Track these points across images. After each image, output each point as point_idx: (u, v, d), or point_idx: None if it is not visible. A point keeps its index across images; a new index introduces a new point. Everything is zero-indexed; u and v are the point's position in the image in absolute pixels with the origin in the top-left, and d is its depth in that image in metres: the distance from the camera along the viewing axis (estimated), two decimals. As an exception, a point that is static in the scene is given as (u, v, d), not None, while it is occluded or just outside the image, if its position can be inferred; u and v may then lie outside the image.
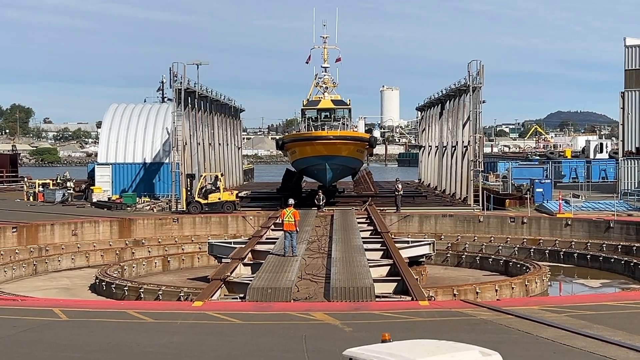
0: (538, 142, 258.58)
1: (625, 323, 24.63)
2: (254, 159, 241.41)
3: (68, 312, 27.20)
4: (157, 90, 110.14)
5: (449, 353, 14.37)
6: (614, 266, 47.08)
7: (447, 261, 50.60)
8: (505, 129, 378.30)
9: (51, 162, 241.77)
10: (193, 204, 61.20)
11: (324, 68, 70.37)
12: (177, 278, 44.82)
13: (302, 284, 32.50)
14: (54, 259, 49.78)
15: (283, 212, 39.44)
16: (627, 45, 71.52)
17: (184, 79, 66.95)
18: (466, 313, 26.78)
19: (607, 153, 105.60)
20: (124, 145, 77.40)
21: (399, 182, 65.51)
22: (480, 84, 64.66)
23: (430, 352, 14.12)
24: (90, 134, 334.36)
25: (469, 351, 14.36)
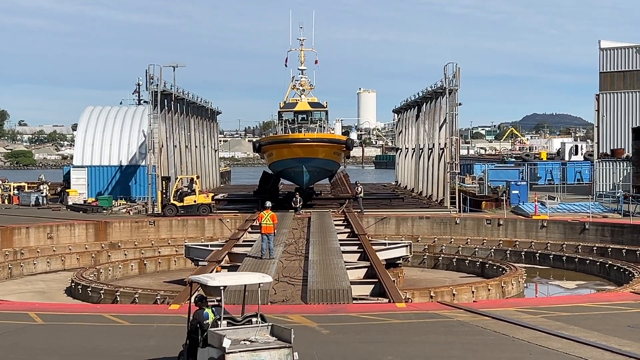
0: (514, 144, 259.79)
1: (600, 324, 24.81)
2: (231, 161, 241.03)
3: (44, 316, 27.04)
4: (133, 92, 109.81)
5: (238, 275, 21.89)
6: (590, 268, 47.36)
7: (424, 263, 50.72)
8: (481, 131, 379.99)
9: (26, 164, 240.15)
10: (169, 206, 60.98)
11: (301, 70, 70.43)
12: (154, 281, 44.63)
13: (279, 287, 32.48)
14: (29, 263, 49.42)
15: (260, 215, 39.41)
16: (602, 48, 71.99)
17: (160, 82, 66.72)
18: (443, 315, 26.88)
19: (582, 155, 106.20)
20: (100, 147, 77.00)
21: (359, 185, 66.13)
22: (456, 87, 64.91)
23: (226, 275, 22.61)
24: (66, 136, 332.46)
25: (253, 274, 20.87)
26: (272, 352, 16.88)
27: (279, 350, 16.96)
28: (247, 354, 16.84)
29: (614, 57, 71.83)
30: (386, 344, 22.66)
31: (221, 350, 16.83)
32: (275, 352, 16.92)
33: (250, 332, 17.78)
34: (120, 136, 77.59)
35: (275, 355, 16.89)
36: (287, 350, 16.99)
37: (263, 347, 16.94)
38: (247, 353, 16.85)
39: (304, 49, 69.98)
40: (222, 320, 17.96)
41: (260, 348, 16.94)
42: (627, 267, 42.95)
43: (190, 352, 18.26)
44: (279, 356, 16.90)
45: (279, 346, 17.05)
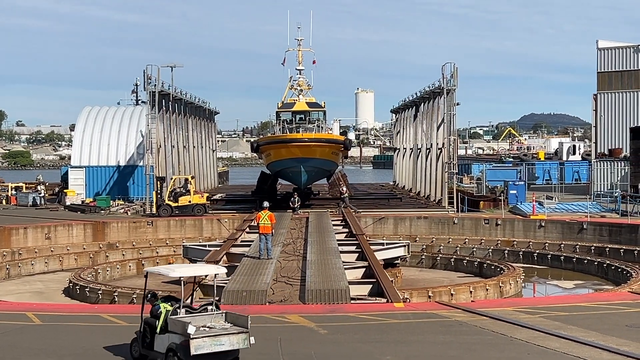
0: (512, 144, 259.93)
1: (598, 324, 24.83)
2: (229, 161, 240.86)
3: (42, 316, 27.02)
4: (131, 92, 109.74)
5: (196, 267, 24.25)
6: (588, 267, 47.38)
7: (422, 263, 50.73)
8: (479, 131, 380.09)
9: (24, 165, 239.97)
10: (163, 207, 60.95)
11: (299, 71, 70.45)
12: (152, 281, 44.28)
13: (278, 287, 32.48)
14: (27, 263, 49.39)
15: (258, 215, 39.43)
16: (599, 48, 72.03)
17: (158, 82, 66.70)
18: (441, 315, 26.88)
19: (580, 155, 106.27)
20: (98, 148, 77.00)
21: (343, 186, 66.16)
22: (454, 87, 64.94)
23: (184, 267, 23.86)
24: (64, 136, 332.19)
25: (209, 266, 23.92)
26: (231, 337, 18.93)
27: (237, 335, 19.01)
28: (209, 339, 18.71)
29: (611, 57, 71.86)
30: (384, 343, 22.66)
31: (185, 336, 18.60)
32: (234, 337, 18.98)
33: (206, 319, 19.51)
34: (118, 136, 77.58)
35: (234, 340, 18.96)
36: (244, 335, 19.06)
37: (223, 333, 18.95)
38: (209, 338, 18.71)
39: (301, 49, 70.04)
40: (181, 309, 19.69)
41: (220, 334, 18.91)
42: (625, 267, 42.97)
43: (145, 339, 20.18)
44: (237, 340, 18.98)
45: (237, 331, 19.08)
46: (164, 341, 19.51)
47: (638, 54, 70.68)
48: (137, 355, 20.61)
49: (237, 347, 19.10)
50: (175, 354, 19.00)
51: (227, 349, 18.98)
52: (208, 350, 18.72)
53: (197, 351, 18.58)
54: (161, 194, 62.00)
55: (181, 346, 18.84)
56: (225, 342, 18.88)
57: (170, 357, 19.19)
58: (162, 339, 19.61)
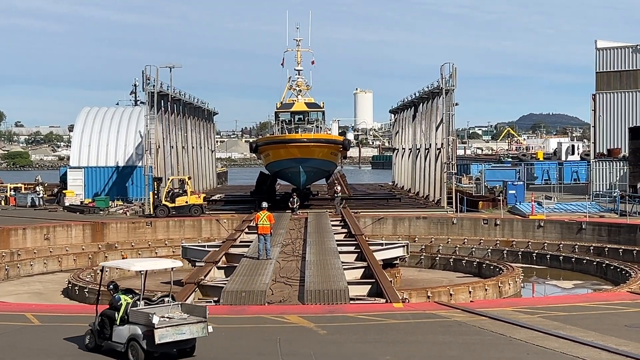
0: (510, 144, 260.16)
1: (597, 324, 24.83)
2: (228, 161, 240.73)
3: (40, 317, 26.99)
4: (129, 93, 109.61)
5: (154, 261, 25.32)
6: (587, 267, 47.42)
7: (421, 263, 50.76)
8: (478, 131, 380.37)
9: (23, 166, 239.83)
10: (160, 207, 60.92)
11: (298, 71, 70.36)
12: (151, 282, 44.32)
13: (277, 287, 32.47)
14: (26, 264, 49.40)
15: (257, 216, 39.42)
16: (598, 48, 72.04)
17: (156, 82, 66.68)
18: (440, 315, 26.89)
19: (579, 155, 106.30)
20: (97, 148, 76.97)
21: (337, 185, 66.04)
22: (453, 87, 64.92)
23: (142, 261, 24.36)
24: (63, 137, 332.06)
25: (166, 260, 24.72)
26: (191, 327, 20.42)
27: (196, 325, 20.49)
28: (172, 328, 20.13)
29: (610, 57, 71.87)
30: (384, 344, 22.66)
31: (148, 326, 19.98)
32: (194, 326, 20.46)
33: (163, 310, 20.80)
34: (117, 137, 77.57)
35: (194, 329, 20.46)
36: (203, 325, 20.54)
37: (184, 322, 20.40)
38: (171, 328, 20.13)
39: (300, 50, 69.94)
40: (141, 301, 21.11)
41: (182, 323, 20.36)
42: (624, 267, 43.00)
43: (103, 331, 21.34)
44: (196, 329, 20.47)
45: (197, 321, 20.55)
46: (124, 332, 20.68)
47: (637, 54, 70.70)
48: (92, 346, 21.70)
49: (197, 335, 20.56)
50: (138, 343, 20.22)
51: (188, 337, 20.47)
52: (171, 339, 20.08)
53: (161, 340, 19.90)
54: (158, 194, 61.98)
55: (145, 336, 20.09)
56: (186, 331, 20.34)
57: (132, 347, 20.39)
58: (121, 330, 20.80)
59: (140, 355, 20.29)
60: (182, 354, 20.83)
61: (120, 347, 20.79)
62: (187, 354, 20.92)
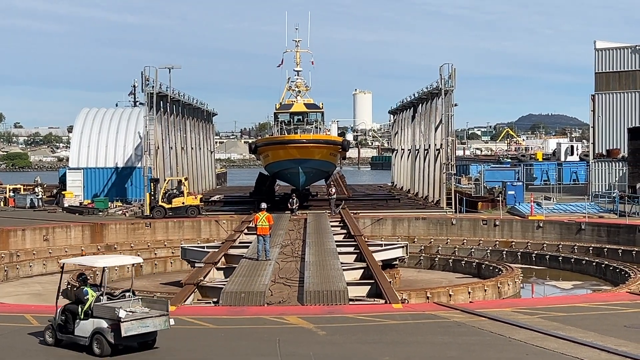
0: (510, 144, 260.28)
1: (596, 324, 24.84)
2: (227, 162, 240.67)
3: (40, 318, 26.94)
4: (128, 94, 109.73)
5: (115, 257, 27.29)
6: (586, 268, 47.40)
7: (420, 264, 50.74)
8: (477, 131, 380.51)
9: (22, 167, 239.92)
10: (157, 208, 60.91)
11: (297, 72, 70.35)
12: (150, 283, 44.57)
13: (276, 288, 32.46)
14: (25, 265, 49.38)
15: (256, 217, 39.40)
16: (597, 48, 72.11)
17: (155, 83, 66.63)
18: (439, 315, 26.89)
19: (578, 155, 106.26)
20: (96, 149, 77.00)
21: (332, 187, 66.04)
22: (452, 87, 64.91)
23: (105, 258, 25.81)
24: (62, 138, 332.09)
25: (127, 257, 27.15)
26: (154, 320, 21.62)
27: (159, 318, 21.69)
28: (136, 322, 21.25)
29: (609, 58, 71.94)
30: (383, 344, 22.67)
31: (114, 320, 21.07)
32: (157, 320, 21.67)
33: (125, 304, 21.75)
34: (116, 138, 77.60)
35: (157, 322, 21.66)
36: (165, 318, 21.78)
37: (148, 316, 21.56)
38: (136, 321, 21.25)
39: (299, 50, 69.92)
40: (104, 296, 22.26)
41: (146, 317, 21.51)
42: (623, 267, 42.96)
43: (66, 325, 22.15)
44: (159, 322, 21.68)
45: (159, 314, 21.75)
46: (88, 326, 21.63)
47: (636, 55, 70.77)
48: (52, 342, 22.47)
49: (160, 328, 21.75)
50: (103, 336, 21.19)
51: (151, 330, 21.66)
52: (136, 332, 21.23)
53: (127, 333, 21.01)
54: (155, 195, 61.99)
55: (110, 329, 21.14)
56: (149, 324, 21.54)
57: (98, 340, 21.31)
58: (85, 325, 21.72)
59: (106, 348, 21.18)
60: (144, 346, 21.83)
61: (84, 340, 21.62)
62: (149, 346, 21.94)
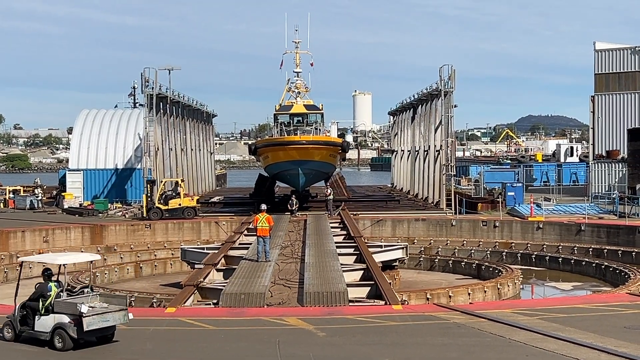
0: (509, 146, 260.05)
1: (596, 325, 24.84)
2: (227, 164, 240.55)
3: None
4: (128, 95, 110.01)
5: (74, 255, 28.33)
6: (586, 269, 47.38)
7: (420, 265, 50.71)
8: (477, 133, 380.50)
9: (22, 168, 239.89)
10: (153, 210, 60.88)
11: (297, 73, 70.32)
12: (150, 284, 44.59)
13: (276, 289, 32.45)
14: (25, 266, 49.22)
15: (256, 218, 39.39)
16: (596, 49, 72.13)
17: (155, 84, 66.61)
18: (439, 317, 26.88)
19: (578, 156, 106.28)
20: (96, 151, 77.00)
21: (328, 188, 66.02)
22: (451, 89, 64.89)
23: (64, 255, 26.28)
24: (62, 140, 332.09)
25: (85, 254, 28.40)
26: (114, 315, 22.59)
27: (118, 312, 22.68)
28: (97, 316, 22.18)
29: (608, 59, 71.95)
30: (383, 346, 22.66)
31: (75, 315, 21.91)
32: (116, 314, 22.64)
33: (84, 300, 22.58)
34: (116, 139, 77.60)
35: (116, 316, 22.64)
36: (124, 312, 22.79)
37: (107, 311, 22.53)
38: (97, 316, 22.18)
39: (299, 52, 69.90)
40: (64, 292, 23.15)
41: (106, 311, 22.49)
42: (623, 269, 42.95)
43: (23, 321, 22.98)
44: (118, 317, 22.68)
45: (118, 309, 22.76)
46: (49, 322, 22.40)
47: (635, 56, 70.77)
48: (11, 337, 23.21)
49: (119, 322, 22.76)
50: (65, 331, 22.01)
51: (111, 324, 22.60)
52: (97, 326, 22.15)
53: (88, 327, 21.92)
54: (151, 197, 61.99)
55: (72, 324, 21.98)
56: (109, 318, 22.48)
57: (60, 335, 22.11)
58: (46, 320, 22.48)
59: (68, 342, 21.99)
60: (103, 340, 22.68)
61: (44, 335, 22.38)
62: (108, 340, 22.81)
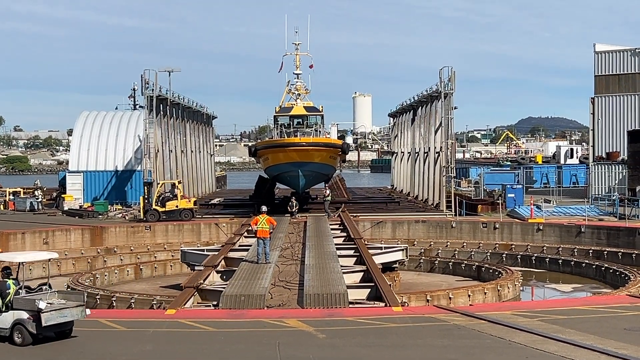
0: (509, 147, 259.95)
1: (596, 327, 24.84)
2: (227, 165, 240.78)
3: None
4: (128, 97, 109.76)
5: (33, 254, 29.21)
6: (586, 271, 47.38)
7: (420, 267, 50.69)
8: (476, 134, 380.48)
9: (22, 170, 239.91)
10: (151, 212, 60.87)
11: (296, 75, 70.28)
12: (150, 286, 44.58)
13: (276, 291, 32.45)
14: (25, 268, 49.15)
15: (256, 219, 39.36)
16: (596, 51, 72.16)
17: (155, 86, 66.61)
18: (439, 319, 26.88)
19: (578, 158, 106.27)
20: (96, 153, 77.02)
21: (327, 189, 66.02)
22: (451, 90, 64.92)
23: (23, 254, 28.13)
24: (62, 141, 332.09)
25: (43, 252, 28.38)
26: (72, 310, 23.60)
27: (76, 308, 23.70)
28: (55, 312, 23.15)
29: (608, 61, 71.97)
30: (383, 347, 22.66)
31: (34, 311, 22.71)
32: (74, 310, 23.65)
33: (43, 297, 23.43)
34: (116, 141, 77.61)
35: (74, 312, 23.65)
36: (81, 308, 23.82)
37: (65, 307, 23.49)
38: (55, 312, 23.15)
39: (299, 53, 69.84)
40: (23, 289, 23.89)
41: (64, 307, 23.45)
42: (623, 270, 42.97)
43: None
44: (76, 312, 23.69)
45: (76, 305, 23.76)
46: (8, 318, 23.22)
47: (635, 58, 70.80)
48: None
49: (76, 318, 23.76)
50: (24, 327, 22.83)
51: (69, 319, 23.63)
52: (55, 321, 23.12)
53: (47, 323, 22.84)
54: (149, 199, 61.92)
55: (31, 320, 22.80)
56: (67, 314, 23.50)
57: (19, 330, 22.96)
58: (5, 317, 23.29)
59: (27, 337, 22.87)
60: (61, 335, 23.61)
61: (4, 331, 23.25)
62: (66, 335, 23.77)
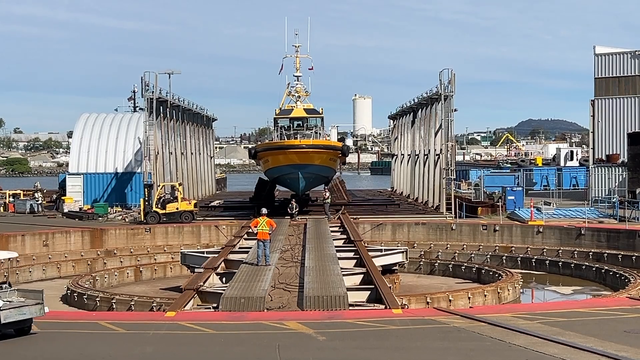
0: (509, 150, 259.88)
1: (596, 329, 24.82)
2: (227, 168, 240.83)
3: (39, 324, 26.90)
4: (128, 99, 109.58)
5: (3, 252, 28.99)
6: (586, 273, 47.40)
7: (420, 269, 50.70)
8: (477, 137, 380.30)
9: (22, 172, 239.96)
10: (151, 214, 60.85)
11: (296, 77, 70.28)
12: (150, 288, 44.57)
13: (276, 293, 32.44)
14: (25, 270, 49.33)
15: (256, 221, 39.35)
16: (596, 53, 72.21)
17: (155, 88, 66.59)
18: (439, 321, 26.86)
19: (578, 161, 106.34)
20: (96, 155, 76.99)
21: (326, 191, 65.97)
22: (451, 93, 64.88)
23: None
24: (62, 143, 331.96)
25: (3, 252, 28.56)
26: (30, 308, 24.50)
27: (35, 306, 24.62)
28: (14, 310, 24.05)
29: (608, 63, 72.03)
30: (383, 350, 22.64)
31: None
32: (33, 308, 24.55)
33: (1, 295, 24.39)
34: (116, 143, 77.59)
35: (33, 310, 24.54)
36: (40, 306, 24.72)
37: (24, 305, 24.46)
38: (14, 309, 24.06)
39: (299, 56, 69.85)
40: None
41: (23, 305, 24.39)
42: (623, 273, 43.00)
43: None
44: (35, 310, 24.58)
45: (35, 303, 24.71)
46: None
47: (635, 60, 70.85)
48: None
49: (35, 315, 24.58)
50: None
51: (28, 317, 24.47)
52: (14, 319, 23.93)
53: (6, 320, 23.64)
54: (149, 201, 61.89)
55: None
56: (26, 312, 24.32)
57: None
58: None
59: None
60: (20, 332, 24.39)
61: None
62: (25, 332, 24.56)
